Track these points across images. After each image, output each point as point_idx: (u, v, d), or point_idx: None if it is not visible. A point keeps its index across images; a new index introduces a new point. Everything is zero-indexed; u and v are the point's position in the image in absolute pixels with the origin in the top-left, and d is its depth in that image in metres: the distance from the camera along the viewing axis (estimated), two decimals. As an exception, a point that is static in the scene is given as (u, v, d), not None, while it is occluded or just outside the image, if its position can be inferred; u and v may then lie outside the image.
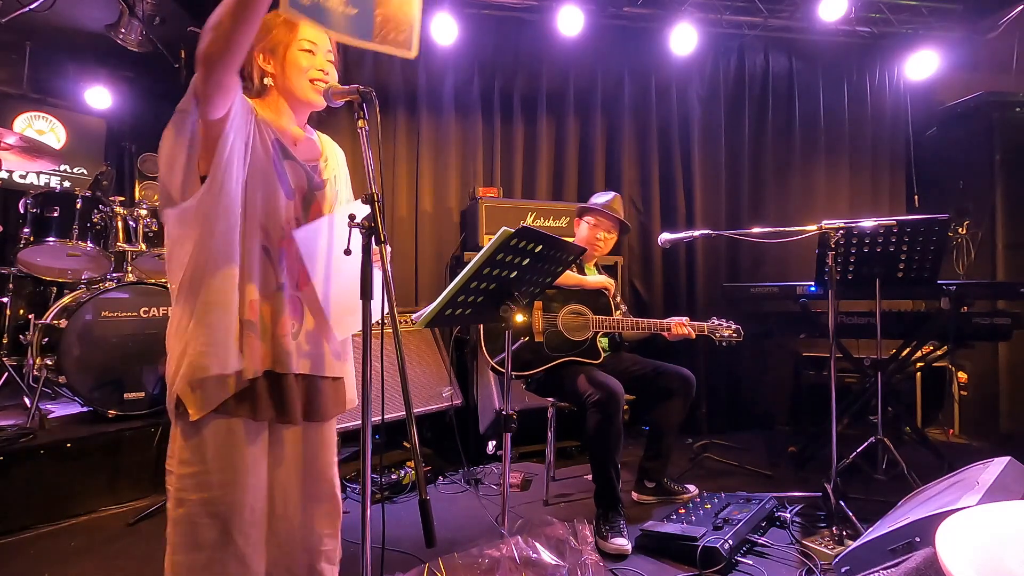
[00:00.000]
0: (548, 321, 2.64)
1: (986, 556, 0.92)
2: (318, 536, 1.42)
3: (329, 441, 1.46)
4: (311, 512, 1.41)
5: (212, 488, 1.23)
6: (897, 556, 1.55)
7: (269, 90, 1.38)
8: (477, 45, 3.87)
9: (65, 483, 2.45)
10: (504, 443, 1.85)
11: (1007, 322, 2.81)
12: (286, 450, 1.37)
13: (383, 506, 2.55)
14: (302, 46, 1.35)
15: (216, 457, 1.23)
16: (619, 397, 2.33)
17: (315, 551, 1.41)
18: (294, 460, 1.39)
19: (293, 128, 1.41)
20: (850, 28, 4.15)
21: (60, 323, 2.67)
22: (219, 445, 1.24)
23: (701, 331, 2.57)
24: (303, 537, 1.40)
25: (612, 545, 2.18)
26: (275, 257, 1.31)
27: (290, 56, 1.34)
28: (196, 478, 1.23)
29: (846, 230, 2.33)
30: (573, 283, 2.66)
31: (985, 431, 3.79)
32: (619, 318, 2.66)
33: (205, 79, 1.12)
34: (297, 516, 1.39)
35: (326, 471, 1.44)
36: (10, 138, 2.83)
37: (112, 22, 3.66)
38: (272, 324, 1.29)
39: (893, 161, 4.40)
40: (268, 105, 1.37)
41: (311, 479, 1.41)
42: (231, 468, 1.25)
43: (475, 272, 1.46)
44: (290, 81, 1.35)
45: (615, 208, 2.79)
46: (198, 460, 1.23)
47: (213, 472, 1.23)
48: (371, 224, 1.18)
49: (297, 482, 1.39)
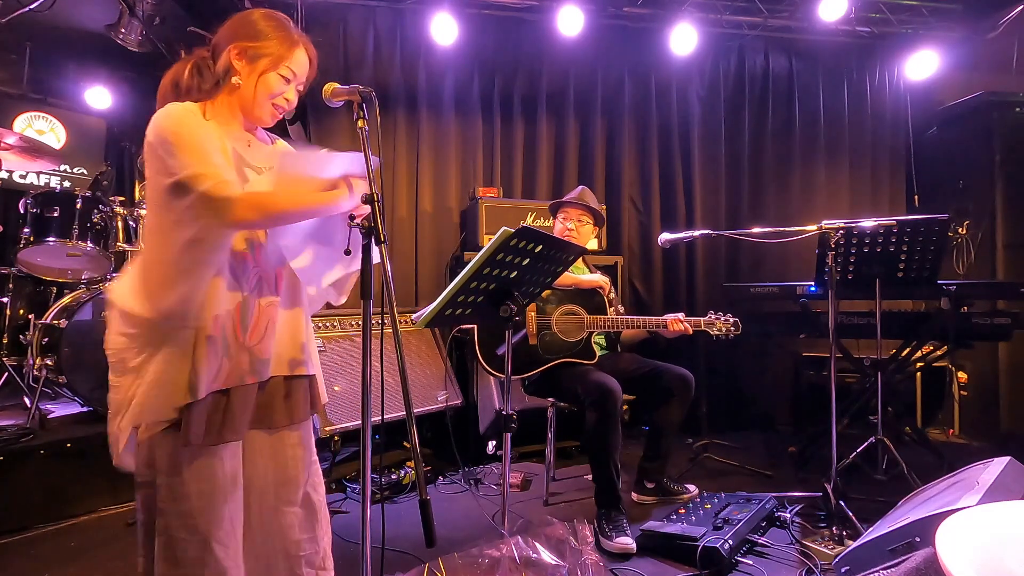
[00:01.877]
0: (542, 322, 2.64)
1: (986, 556, 0.92)
2: (295, 542, 1.37)
3: (303, 443, 1.42)
4: (287, 518, 1.37)
5: (188, 499, 1.20)
6: (897, 556, 1.54)
7: (224, 89, 1.30)
8: (477, 45, 3.87)
9: (65, 483, 2.45)
10: (504, 443, 1.85)
11: (1007, 322, 2.81)
12: (260, 456, 1.34)
13: (383, 506, 2.55)
14: (283, 72, 1.30)
15: (189, 466, 1.20)
16: (617, 395, 2.32)
17: (294, 557, 1.37)
18: (268, 466, 1.36)
19: (244, 133, 1.35)
20: (850, 28, 4.15)
21: (60, 323, 2.67)
22: (191, 452, 1.20)
23: (697, 326, 2.57)
24: (281, 545, 1.36)
25: (617, 544, 2.17)
26: (238, 269, 1.26)
27: (267, 75, 1.28)
28: (172, 489, 1.20)
29: (846, 230, 2.33)
30: (568, 283, 2.65)
31: (985, 431, 3.79)
32: (614, 316, 2.65)
33: (226, 228, 1.18)
34: (273, 523, 1.36)
35: (299, 475, 1.39)
36: (10, 138, 2.83)
37: (112, 22, 3.66)
38: (239, 334, 1.26)
39: (893, 161, 4.40)
40: (219, 106, 1.30)
41: (285, 484, 1.37)
42: (205, 477, 1.22)
43: (475, 272, 1.46)
44: (255, 97, 1.29)
45: (583, 198, 2.78)
46: (172, 470, 1.20)
47: (188, 481, 1.20)
48: (371, 224, 1.17)
49: (272, 488, 1.36)
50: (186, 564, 1.20)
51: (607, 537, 2.21)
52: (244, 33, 1.29)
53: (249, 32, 1.29)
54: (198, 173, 1.14)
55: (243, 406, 1.26)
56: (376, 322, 1.24)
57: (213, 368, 1.21)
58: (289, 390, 1.37)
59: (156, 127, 1.19)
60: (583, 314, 2.65)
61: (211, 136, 1.22)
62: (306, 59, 1.34)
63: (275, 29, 1.30)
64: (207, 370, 1.19)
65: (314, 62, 1.37)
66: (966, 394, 3.91)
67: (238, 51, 1.28)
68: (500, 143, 3.96)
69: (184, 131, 1.18)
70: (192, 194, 1.13)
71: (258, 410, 1.31)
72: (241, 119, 1.34)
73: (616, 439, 2.32)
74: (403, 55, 3.82)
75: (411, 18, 3.80)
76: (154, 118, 1.20)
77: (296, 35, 1.32)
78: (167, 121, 1.19)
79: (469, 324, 2.64)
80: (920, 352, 3.08)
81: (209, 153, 1.18)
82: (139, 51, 3.80)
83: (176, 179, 1.14)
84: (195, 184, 1.13)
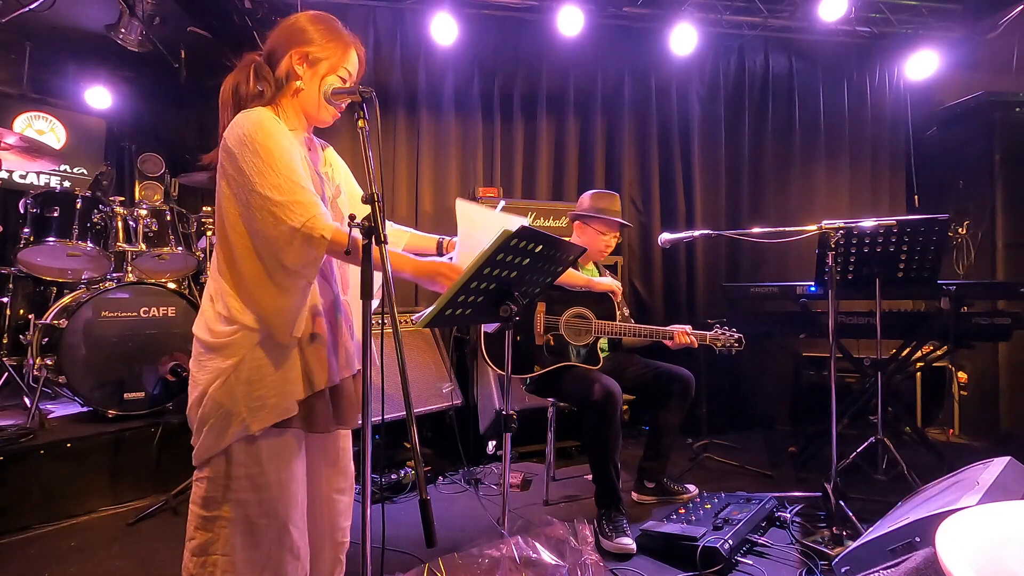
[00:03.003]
0: (550, 323, 2.63)
1: (986, 556, 0.92)
2: (341, 530, 1.47)
3: (349, 432, 1.51)
4: (337, 505, 1.45)
5: (270, 488, 1.26)
6: (897, 556, 1.55)
7: (287, 93, 1.34)
8: (477, 45, 3.87)
9: (65, 483, 2.45)
10: (504, 443, 1.85)
11: (1007, 322, 2.81)
12: (315, 441, 1.41)
13: (383, 506, 2.55)
14: (341, 74, 1.36)
15: (270, 456, 1.26)
16: (617, 398, 2.32)
17: (338, 544, 1.47)
18: (324, 454, 1.43)
19: (307, 135, 1.41)
20: (850, 28, 4.15)
21: (60, 323, 2.67)
22: (270, 443, 1.27)
23: (703, 340, 2.54)
24: (330, 532, 1.44)
25: (617, 545, 2.17)
26: (328, 271, 1.35)
27: (328, 77, 1.34)
28: (252, 480, 1.25)
29: (846, 230, 2.33)
30: (580, 284, 2.61)
31: (985, 431, 3.79)
32: (622, 324, 2.63)
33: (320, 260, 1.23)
34: (325, 509, 1.43)
35: (348, 464, 1.49)
36: (10, 138, 2.82)
37: (112, 22, 3.66)
38: (334, 335, 1.34)
39: (893, 161, 4.40)
40: (286, 111, 1.35)
41: (336, 471, 1.45)
42: (285, 465, 1.28)
43: (475, 272, 1.46)
44: (319, 100, 1.34)
45: (619, 212, 2.80)
46: (254, 462, 1.25)
47: (269, 471, 1.26)
48: (371, 224, 1.17)
49: (326, 475, 1.43)
50: (266, 545, 1.26)
51: (607, 537, 2.21)
52: (302, 39, 1.33)
53: (306, 37, 1.33)
54: (292, 201, 1.18)
55: (348, 397, 1.36)
56: (376, 322, 1.24)
57: (323, 364, 1.30)
58: (346, 386, 1.43)
59: (241, 134, 1.21)
60: (592, 319, 2.63)
61: (294, 148, 1.26)
62: (357, 58, 1.40)
63: (330, 32, 1.35)
64: (319, 368, 1.28)
65: (363, 60, 1.42)
66: (966, 394, 3.90)
67: (299, 56, 1.33)
68: (500, 143, 3.96)
69: (274, 145, 1.21)
70: (285, 225, 1.17)
71: (344, 410, 1.38)
72: (304, 122, 1.39)
73: (616, 441, 2.33)
74: (403, 55, 3.82)
75: (411, 18, 3.80)
76: (236, 123, 1.23)
77: (348, 36, 1.38)
78: (253, 129, 1.21)
79: (469, 324, 2.64)
80: (920, 352, 3.08)
81: (300, 176, 1.22)
82: (139, 51, 3.79)
83: (269, 201, 1.18)
84: (289, 217, 1.17)
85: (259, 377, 1.23)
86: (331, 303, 1.35)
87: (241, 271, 1.24)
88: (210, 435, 1.23)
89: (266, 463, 1.26)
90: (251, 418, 1.22)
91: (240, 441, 1.24)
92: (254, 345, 1.23)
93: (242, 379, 1.22)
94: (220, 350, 1.23)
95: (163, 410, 2.87)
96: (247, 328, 1.22)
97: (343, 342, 1.37)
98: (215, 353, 1.24)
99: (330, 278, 1.36)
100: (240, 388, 1.22)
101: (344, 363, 1.36)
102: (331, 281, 1.37)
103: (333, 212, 1.39)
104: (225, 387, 1.22)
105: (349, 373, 1.38)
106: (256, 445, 1.25)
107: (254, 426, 1.22)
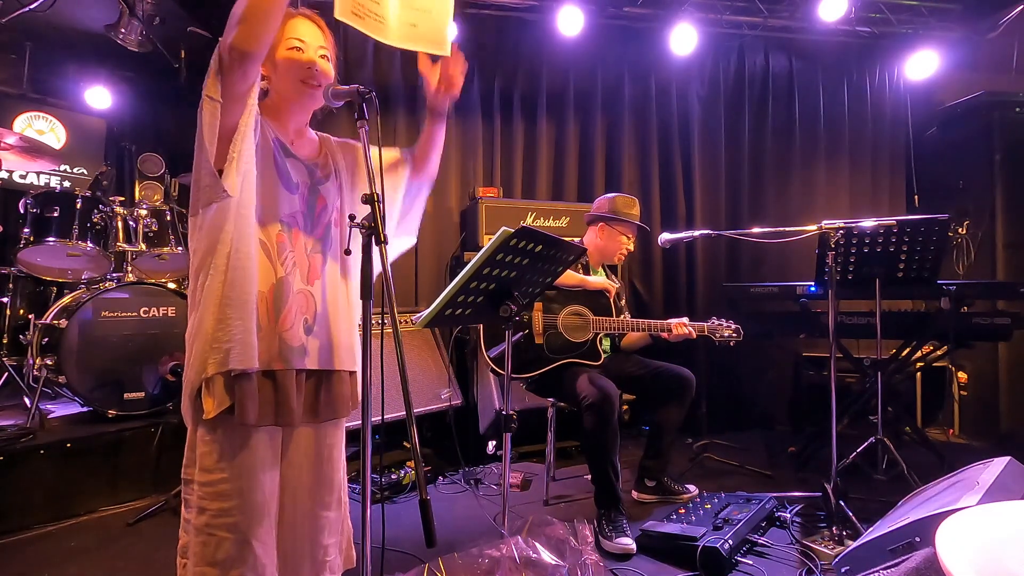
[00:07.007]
0: (548, 322, 2.64)
1: (986, 556, 0.92)
2: (323, 547, 1.39)
3: (340, 442, 1.45)
4: (320, 522, 1.39)
5: (230, 497, 1.22)
6: (897, 556, 1.54)
7: (267, 94, 1.35)
8: (477, 45, 3.86)
9: (65, 483, 2.45)
10: (504, 443, 1.85)
11: (1007, 322, 2.81)
12: (299, 452, 1.36)
13: (383, 506, 2.54)
14: (290, 44, 1.31)
15: (231, 464, 1.23)
16: (613, 399, 2.33)
17: (320, 562, 1.39)
18: (306, 463, 1.37)
19: (291, 128, 1.40)
20: (850, 28, 4.15)
21: (60, 323, 2.67)
22: (234, 449, 1.23)
23: (701, 331, 2.57)
24: (310, 549, 1.38)
25: (617, 545, 2.17)
26: (272, 252, 1.29)
27: (280, 57, 1.31)
28: (214, 486, 1.22)
29: (846, 230, 2.33)
30: (575, 283, 2.65)
31: (985, 431, 3.79)
32: (619, 319, 2.65)
33: (235, 71, 1.12)
34: (305, 525, 1.37)
35: (336, 476, 1.42)
36: (10, 138, 2.82)
37: (112, 22, 3.66)
38: (272, 320, 1.27)
39: (893, 161, 4.40)
40: (267, 108, 1.36)
41: (321, 484, 1.39)
42: (247, 475, 1.24)
43: (475, 272, 1.46)
44: (282, 82, 1.33)
45: (638, 216, 2.82)
46: (216, 467, 1.22)
47: (231, 480, 1.23)
48: (371, 224, 1.17)
49: (307, 487, 1.37)
50: (226, 560, 1.21)
51: (607, 537, 2.21)
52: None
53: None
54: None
55: (287, 392, 1.27)
56: (376, 322, 1.24)
57: (245, 345, 1.21)
58: (330, 384, 1.37)
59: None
60: (589, 315, 2.65)
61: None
62: (311, 25, 1.36)
63: None
64: (239, 341, 1.20)
65: (325, 28, 1.38)
66: (966, 394, 3.91)
67: None
68: (500, 143, 3.95)
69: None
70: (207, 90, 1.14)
71: (287, 402, 1.29)
72: (289, 114, 1.38)
73: (614, 442, 2.33)
74: (403, 55, 3.81)
75: (411, 18, 3.79)
76: None
77: (289, 10, 1.31)
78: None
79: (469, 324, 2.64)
80: (920, 352, 3.08)
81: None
82: (139, 51, 3.80)
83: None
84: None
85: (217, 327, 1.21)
86: (271, 287, 1.28)
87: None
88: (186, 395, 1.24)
89: (228, 472, 1.22)
90: (211, 359, 1.20)
91: (204, 444, 1.23)
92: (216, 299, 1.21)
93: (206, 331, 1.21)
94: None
95: (163, 410, 2.86)
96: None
97: (282, 330, 1.28)
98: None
99: (275, 261, 1.28)
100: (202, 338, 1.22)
101: (278, 354, 1.27)
102: (275, 264, 1.29)
103: (318, 197, 1.39)
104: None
105: (300, 366, 1.30)
106: (217, 442, 1.22)
107: (210, 369, 1.19)
